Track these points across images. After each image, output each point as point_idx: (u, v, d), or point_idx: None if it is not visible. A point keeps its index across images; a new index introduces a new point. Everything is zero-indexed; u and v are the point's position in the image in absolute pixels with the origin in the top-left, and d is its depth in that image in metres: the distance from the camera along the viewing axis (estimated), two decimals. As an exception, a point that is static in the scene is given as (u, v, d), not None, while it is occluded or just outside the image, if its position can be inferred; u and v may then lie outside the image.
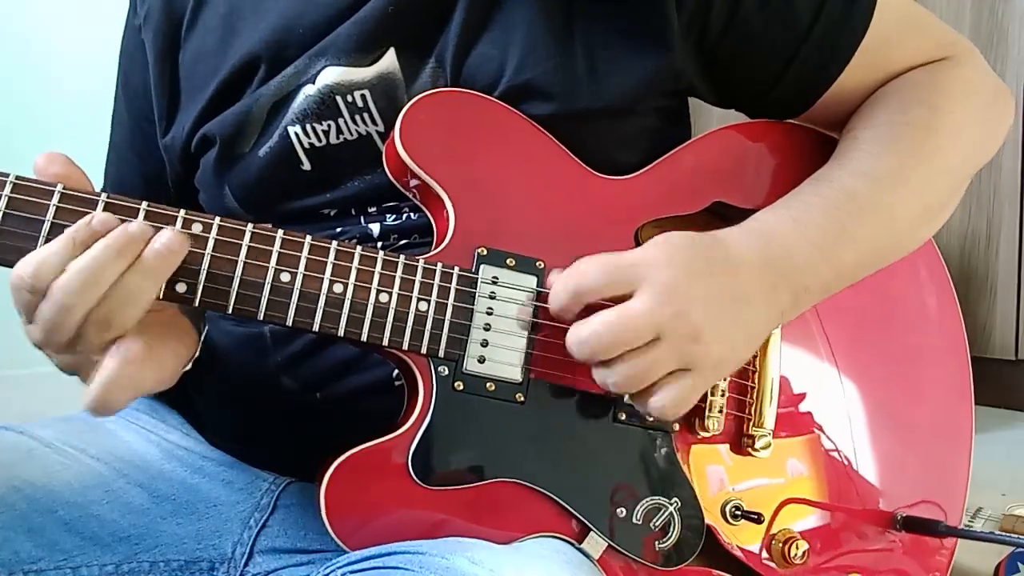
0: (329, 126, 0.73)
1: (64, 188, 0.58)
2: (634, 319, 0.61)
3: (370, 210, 0.75)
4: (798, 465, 0.76)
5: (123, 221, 0.58)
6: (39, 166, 0.59)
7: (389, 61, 0.73)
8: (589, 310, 0.63)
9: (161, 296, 0.59)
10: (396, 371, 0.71)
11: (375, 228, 0.74)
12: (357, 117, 0.73)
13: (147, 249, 0.57)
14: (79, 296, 0.55)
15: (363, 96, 0.72)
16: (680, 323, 0.61)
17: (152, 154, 0.83)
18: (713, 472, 0.73)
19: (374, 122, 0.73)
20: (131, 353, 0.58)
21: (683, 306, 0.62)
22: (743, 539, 0.73)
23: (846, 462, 0.78)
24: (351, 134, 0.73)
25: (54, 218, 0.57)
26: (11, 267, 0.57)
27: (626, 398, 0.67)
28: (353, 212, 0.75)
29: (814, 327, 0.78)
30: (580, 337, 0.62)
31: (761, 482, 0.74)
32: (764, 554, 0.73)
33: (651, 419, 0.69)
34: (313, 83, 0.73)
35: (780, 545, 0.73)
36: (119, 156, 0.89)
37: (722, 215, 0.75)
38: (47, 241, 0.57)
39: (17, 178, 0.57)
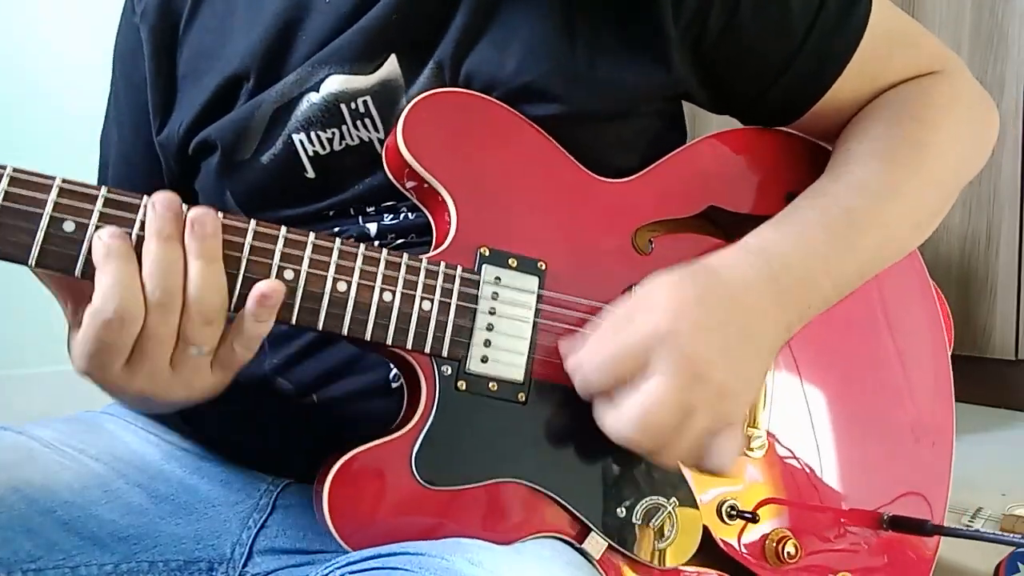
0: (333, 133, 0.73)
1: (62, 181, 0.57)
2: (661, 407, 0.61)
3: (368, 210, 0.75)
4: (790, 466, 0.76)
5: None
6: None
7: (391, 67, 0.73)
8: None
9: None
10: (392, 374, 0.71)
11: (372, 228, 0.74)
12: (359, 123, 0.73)
13: (188, 232, 0.57)
14: (169, 280, 0.56)
15: (365, 102, 0.73)
16: (705, 388, 0.61)
17: (152, 151, 0.83)
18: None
19: (376, 128, 0.73)
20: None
21: (701, 370, 0.61)
22: (737, 538, 0.73)
23: (834, 463, 0.78)
24: (353, 140, 0.73)
25: (53, 211, 0.56)
26: (9, 261, 0.56)
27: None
28: (351, 212, 0.75)
29: (798, 331, 0.78)
30: (622, 439, 0.62)
31: (755, 482, 0.74)
32: (757, 553, 0.74)
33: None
34: (317, 91, 0.73)
35: (773, 544, 0.74)
36: (117, 154, 0.88)
37: (716, 220, 0.76)
38: (46, 234, 0.56)
39: (15, 170, 0.56)
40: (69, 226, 0.56)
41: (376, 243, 0.74)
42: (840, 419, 0.79)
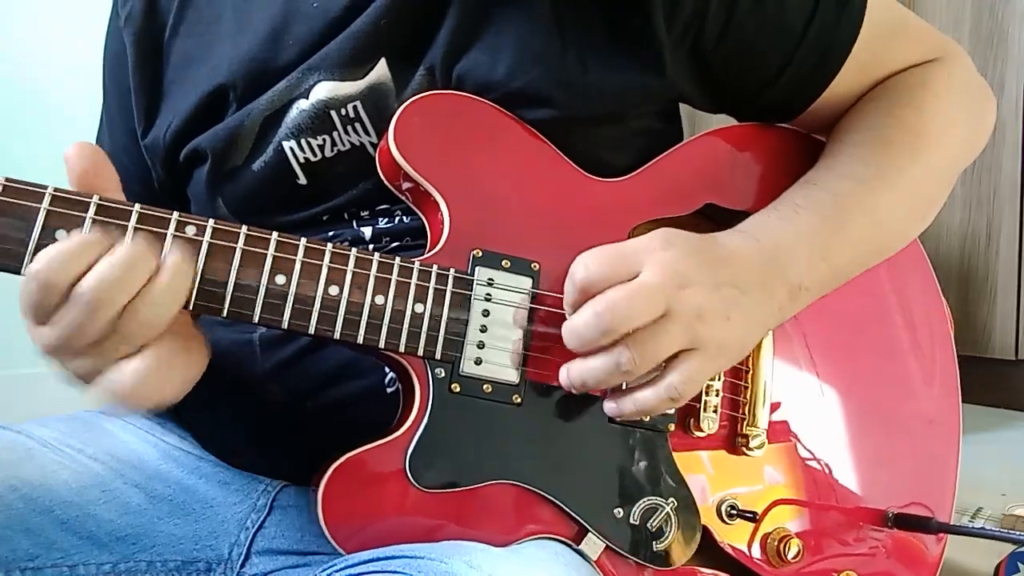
0: (324, 140, 0.73)
1: (55, 190, 0.57)
2: (645, 290, 0.61)
3: (362, 214, 0.75)
4: (791, 464, 0.76)
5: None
6: (69, 157, 0.58)
7: (380, 71, 0.72)
8: None
9: None
10: (387, 379, 0.70)
11: (367, 231, 0.74)
12: (349, 128, 0.73)
13: (169, 253, 0.57)
14: (113, 293, 0.54)
15: (355, 107, 0.72)
16: (686, 299, 0.62)
17: (143, 155, 0.82)
18: (708, 472, 0.73)
19: (367, 132, 0.73)
20: (151, 361, 0.57)
21: (687, 282, 0.62)
22: (738, 538, 0.73)
23: (837, 460, 0.78)
24: (344, 145, 0.73)
25: (45, 220, 0.56)
26: (2, 271, 0.56)
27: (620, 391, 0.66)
28: (345, 217, 0.75)
29: (801, 326, 0.78)
30: (596, 311, 0.61)
31: (755, 481, 0.74)
32: (759, 553, 0.74)
33: (656, 416, 0.69)
34: (306, 98, 0.72)
35: (775, 544, 0.74)
36: (110, 158, 0.87)
37: (713, 217, 0.75)
38: (38, 244, 0.56)
39: (7, 180, 0.56)
40: (61, 235, 0.56)
41: (371, 247, 0.73)
42: (844, 415, 0.79)
